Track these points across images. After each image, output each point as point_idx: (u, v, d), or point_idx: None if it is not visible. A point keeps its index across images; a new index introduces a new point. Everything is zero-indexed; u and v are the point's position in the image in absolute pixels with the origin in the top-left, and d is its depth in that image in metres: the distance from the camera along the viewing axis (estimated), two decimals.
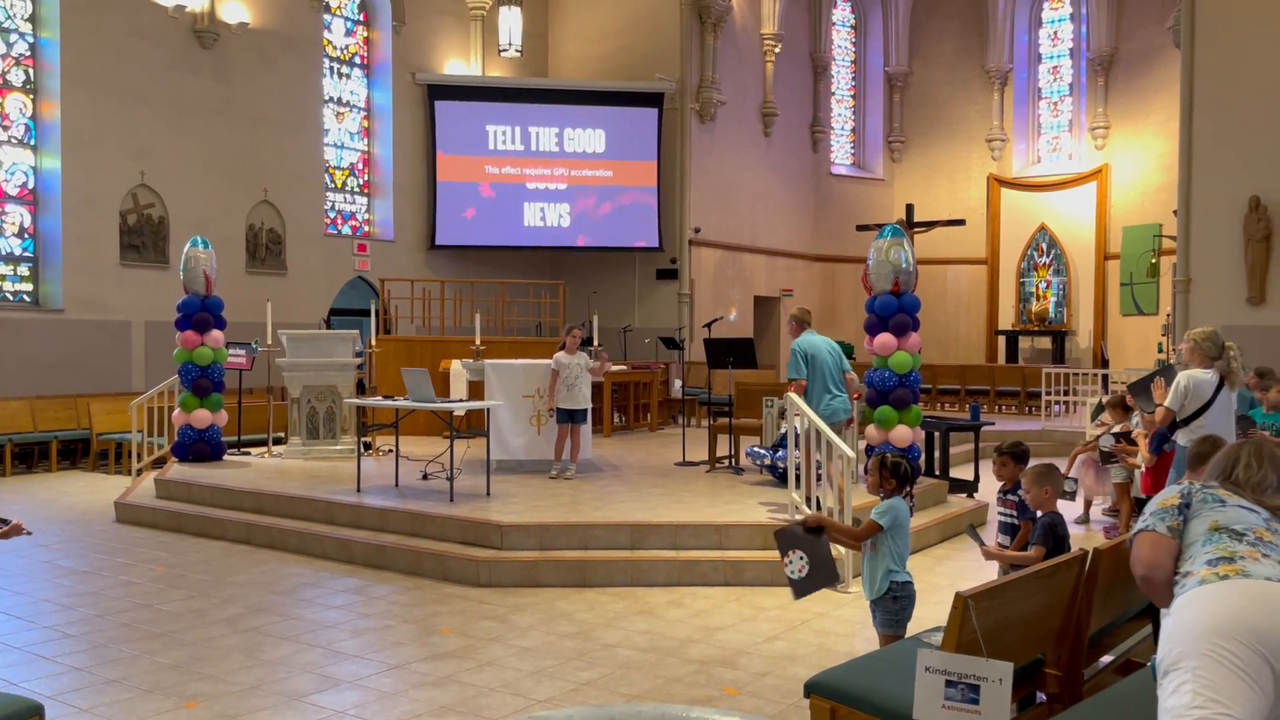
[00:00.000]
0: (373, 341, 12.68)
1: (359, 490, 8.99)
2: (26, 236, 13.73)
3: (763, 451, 9.32)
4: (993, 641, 3.19)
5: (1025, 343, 22.30)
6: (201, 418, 10.98)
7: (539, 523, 7.63)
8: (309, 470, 10.43)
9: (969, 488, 10.19)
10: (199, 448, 10.99)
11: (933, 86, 23.43)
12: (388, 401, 9.52)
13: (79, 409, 13.20)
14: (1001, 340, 22.35)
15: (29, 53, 13.71)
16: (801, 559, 4.51)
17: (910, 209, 20.87)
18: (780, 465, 8.84)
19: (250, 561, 7.96)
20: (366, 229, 18.01)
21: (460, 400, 10.98)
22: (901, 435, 8.99)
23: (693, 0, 18.88)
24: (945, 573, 7.57)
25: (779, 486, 8.87)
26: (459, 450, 9.31)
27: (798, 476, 7.87)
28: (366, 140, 18.10)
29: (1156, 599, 2.91)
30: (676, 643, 5.84)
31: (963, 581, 6.47)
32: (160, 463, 11.55)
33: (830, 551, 4.59)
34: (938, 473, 10.14)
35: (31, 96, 13.71)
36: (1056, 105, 22.92)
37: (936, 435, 10.25)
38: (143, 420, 11.72)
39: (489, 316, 15.57)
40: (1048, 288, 22.31)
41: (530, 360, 10.88)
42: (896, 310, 9.08)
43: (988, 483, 9.68)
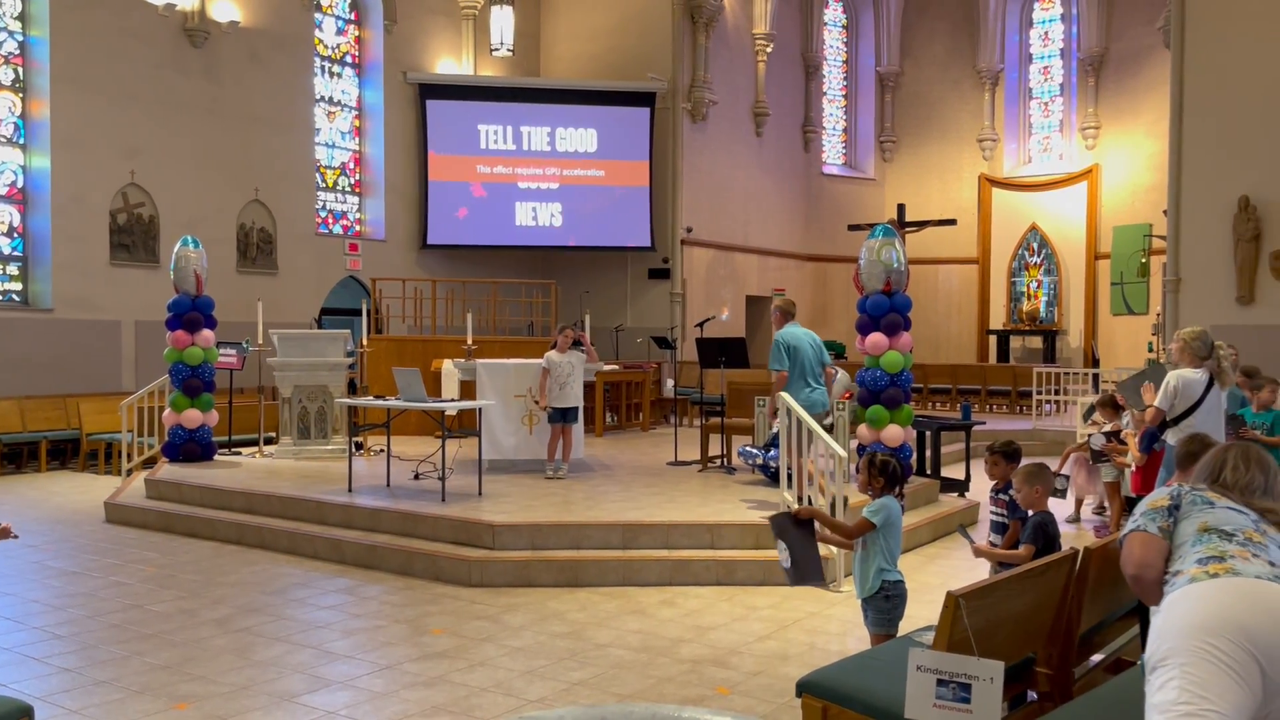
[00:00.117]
0: (364, 341, 12.65)
1: (350, 490, 8.97)
2: (15, 236, 13.67)
3: (755, 451, 9.33)
4: (984, 640, 3.19)
5: (1016, 342, 22.36)
6: (192, 417, 10.95)
7: (531, 522, 7.62)
8: (300, 470, 10.40)
9: (960, 487, 10.23)
10: (189, 448, 10.95)
11: (924, 86, 23.48)
12: (379, 401, 9.52)
13: (69, 409, 13.16)
14: (993, 340, 22.41)
15: (18, 51, 13.64)
16: (785, 551, 4.52)
17: (901, 209, 20.88)
18: (772, 465, 8.86)
19: (241, 562, 7.93)
20: (358, 228, 17.97)
21: (452, 400, 10.97)
22: (893, 435, 9.00)
23: (684, 0, 18.90)
24: (937, 572, 7.59)
25: (771, 486, 8.88)
26: (451, 450, 9.30)
27: (790, 475, 7.88)
28: (358, 139, 18.06)
29: (1147, 598, 2.92)
30: (668, 642, 5.84)
31: (954, 580, 6.49)
32: (150, 463, 11.52)
33: (817, 551, 4.60)
34: (929, 472, 10.17)
35: (21, 95, 13.65)
36: (1047, 105, 22.98)
37: (928, 434, 10.28)
38: (133, 420, 11.68)
39: (481, 316, 15.56)
40: (1039, 287, 22.36)
41: (522, 360, 10.88)
42: (888, 310, 9.10)
43: (979, 482, 9.74)
